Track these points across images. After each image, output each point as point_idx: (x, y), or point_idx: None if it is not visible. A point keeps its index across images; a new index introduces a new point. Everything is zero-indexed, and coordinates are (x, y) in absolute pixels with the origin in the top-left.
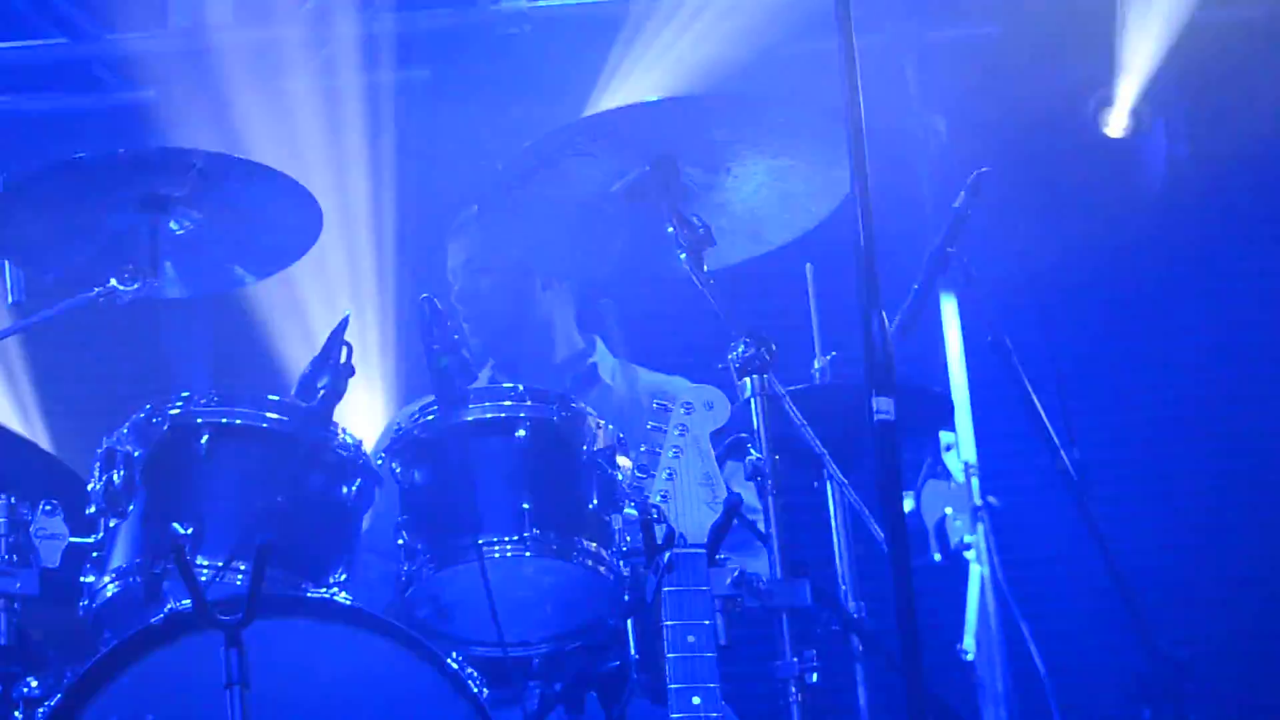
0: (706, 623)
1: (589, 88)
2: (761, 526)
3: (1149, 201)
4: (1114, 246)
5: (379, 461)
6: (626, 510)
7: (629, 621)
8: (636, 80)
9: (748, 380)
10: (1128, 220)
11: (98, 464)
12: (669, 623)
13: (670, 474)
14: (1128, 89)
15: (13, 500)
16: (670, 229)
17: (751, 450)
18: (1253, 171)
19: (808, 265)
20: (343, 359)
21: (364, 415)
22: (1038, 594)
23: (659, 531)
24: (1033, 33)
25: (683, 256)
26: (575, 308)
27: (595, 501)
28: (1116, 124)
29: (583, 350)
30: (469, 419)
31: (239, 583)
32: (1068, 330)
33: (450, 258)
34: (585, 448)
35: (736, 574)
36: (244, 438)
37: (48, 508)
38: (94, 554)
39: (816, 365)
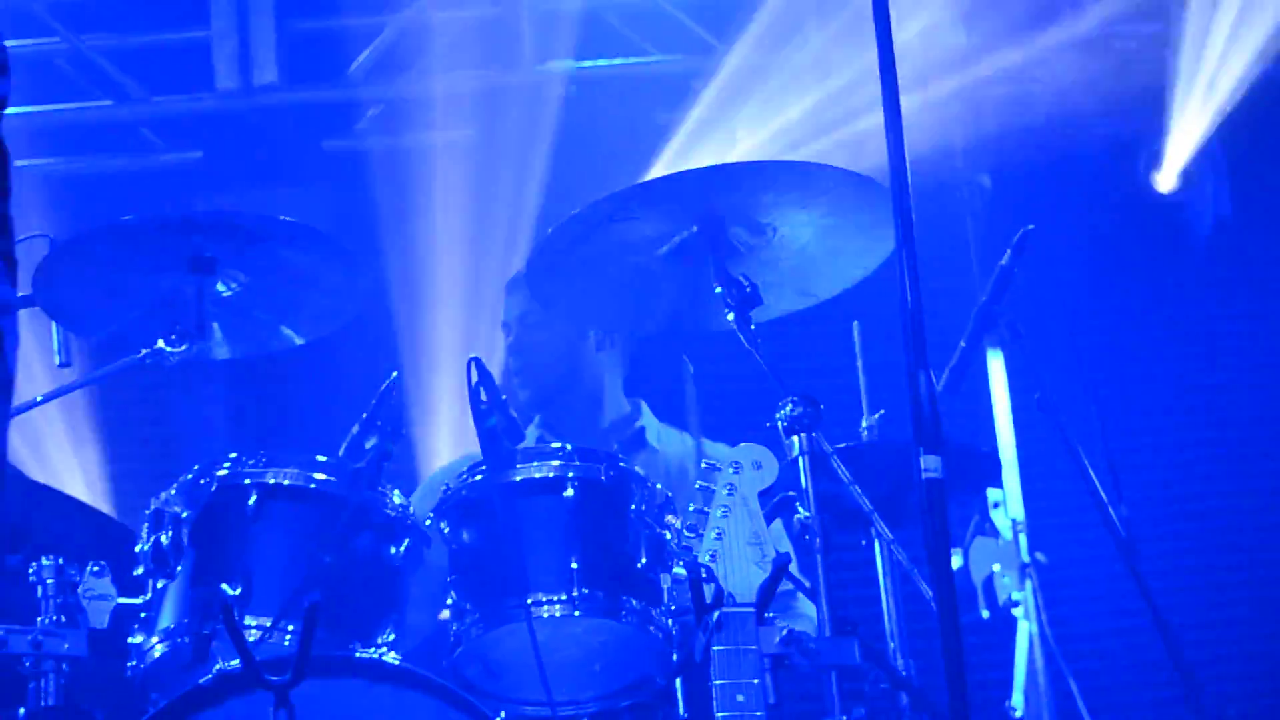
0: (755, 682)
1: (634, 148)
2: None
3: (1195, 259)
4: (1161, 303)
5: (427, 521)
6: (675, 569)
7: (678, 681)
8: (684, 141)
9: (795, 439)
10: (1174, 277)
11: (146, 525)
12: (718, 682)
13: (719, 533)
14: (1178, 146)
15: (61, 561)
16: (718, 289)
17: (799, 509)
18: None
19: (854, 323)
20: (392, 419)
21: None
22: (1086, 651)
23: (708, 590)
24: (1078, 90)
25: (730, 316)
26: (625, 371)
27: (644, 560)
28: (1165, 181)
29: (629, 414)
30: (517, 479)
31: (287, 643)
32: (1114, 387)
33: (506, 311)
34: (633, 506)
35: (785, 633)
36: (292, 498)
37: (96, 569)
38: (142, 615)
39: (864, 423)
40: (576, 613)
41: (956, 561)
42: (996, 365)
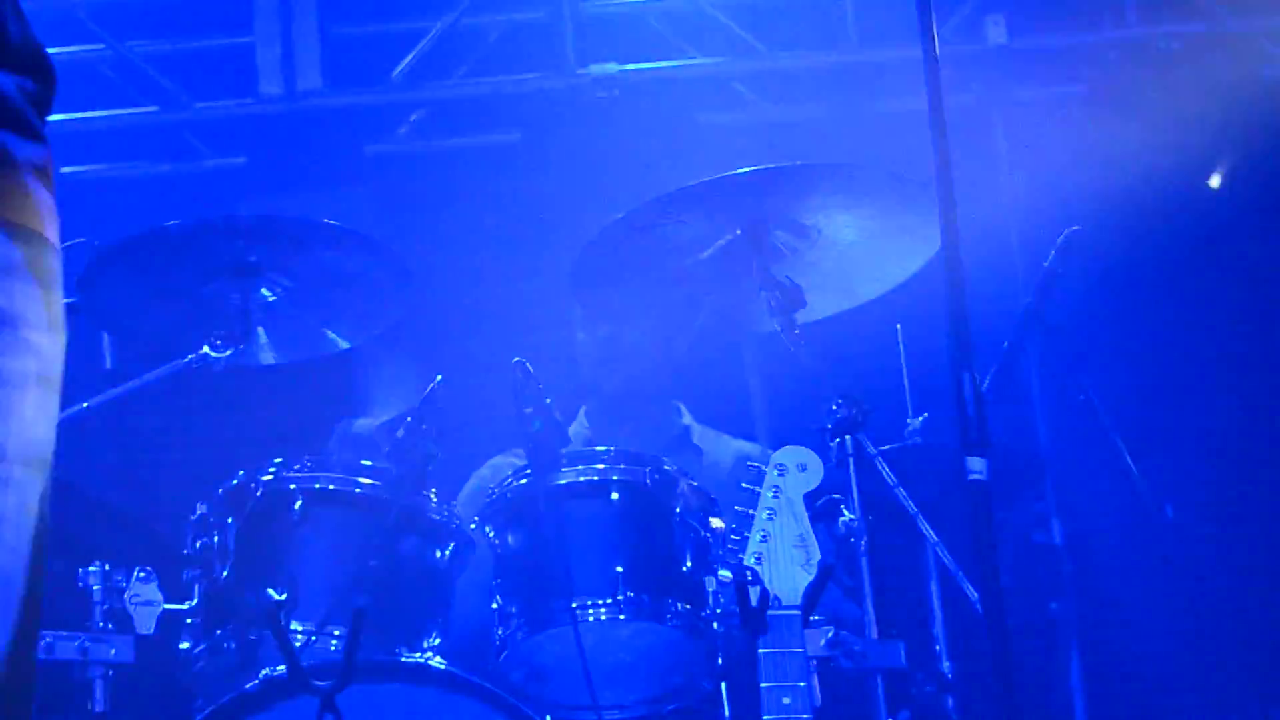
0: (801, 684)
1: (679, 151)
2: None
3: (1239, 261)
4: (1205, 304)
5: (472, 525)
6: (721, 572)
7: (723, 684)
8: (727, 143)
9: (841, 441)
10: (1219, 274)
11: (191, 530)
12: (764, 685)
13: (764, 536)
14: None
15: (107, 567)
16: (762, 292)
17: (845, 511)
18: None
19: (898, 326)
20: (436, 423)
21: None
22: (1130, 653)
23: (753, 593)
24: (1119, 91)
25: (775, 319)
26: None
27: (689, 563)
28: (1219, 181)
29: (673, 416)
30: (562, 482)
31: (333, 648)
32: (1159, 388)
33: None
34: (678, 510)
35: (831, 635)
36: (337, 503)
37: (142, 574)
38: (188, 620)
39: (909, 426)
40: (622, 616)
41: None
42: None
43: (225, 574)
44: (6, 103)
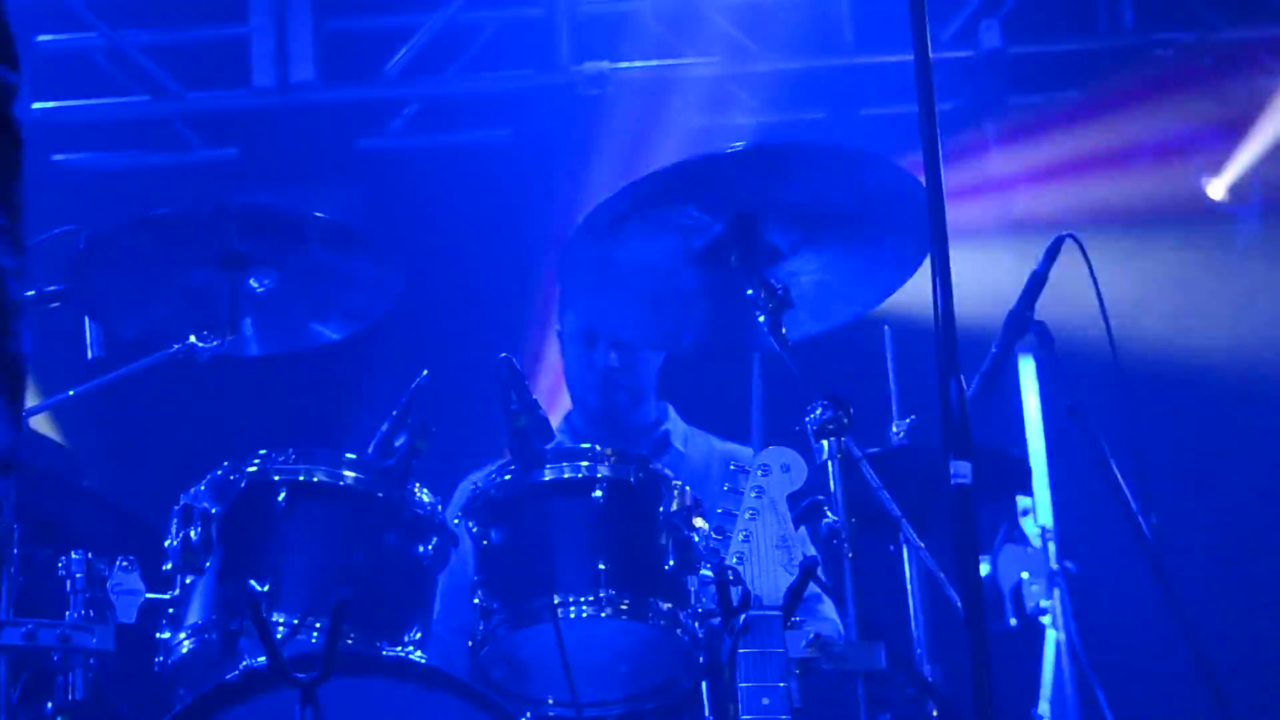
0: (781, 685)
1: (671, 151)
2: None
3: (1231, 270)
4: (1195, 313)
5: (455, 521)
6: (703, 571)
7: (704, 683)
8: (717, 142)
9: (825, 443)
10: (1211, 285)
11: (175, 520)
12: (743, 685)
13: (746, 536)
14: (1239, 160)
15: (90, 556)
16: (749, 291)
17: (828, 513)
18: None
19: (886, 328)
20: (422, 417)
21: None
22: (1113, 660)
23: (735, 593)
24: (1111, 97)
25: (761, 319)
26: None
27: (671, 562)
28: (1217, 190)
29: (656, 419)
30: (546, 479)
31: (315, 640)
32: (1146, 395)
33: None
34: (662, 509)
35: (812, 636)
36: (321, 495)
37: (124, 564)
38: (170, 610)
39: (894, 429)
40: (603, 614)
41: (985, 569)
42: (1028, 371)
43: (208, 564)
44: None
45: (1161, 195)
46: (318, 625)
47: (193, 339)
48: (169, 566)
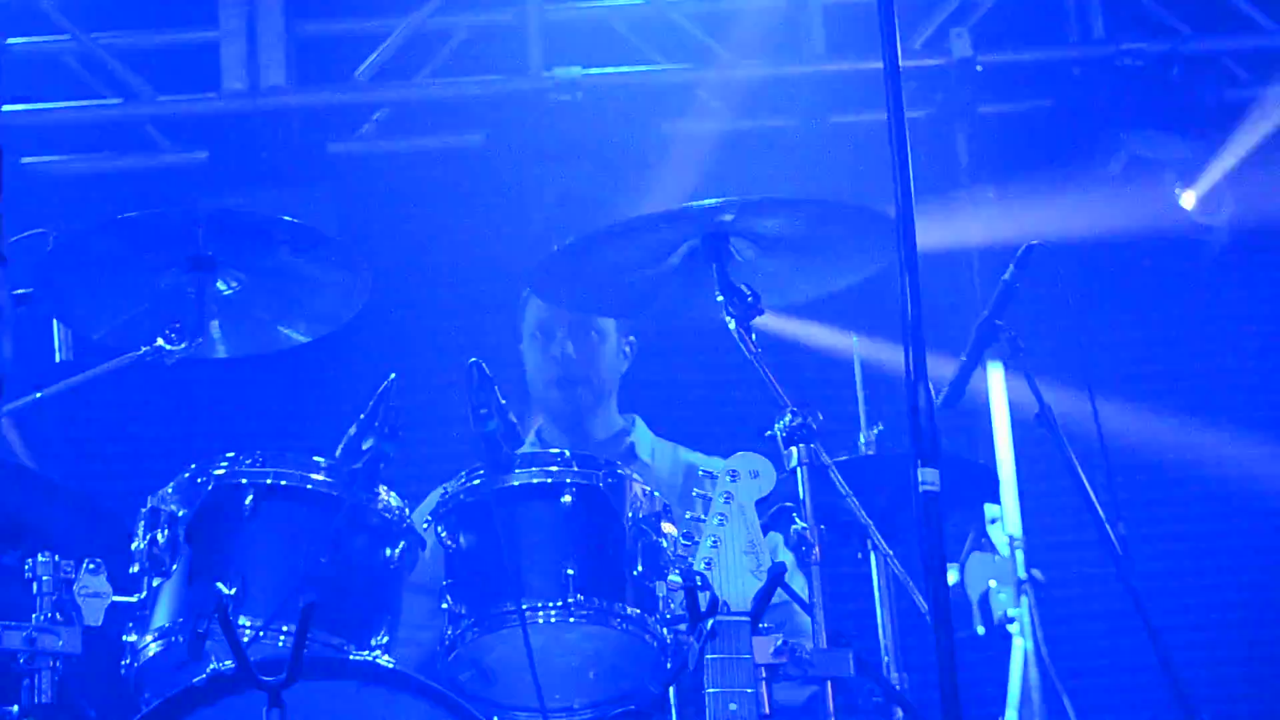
0: (749, 691)
1: (641, 157)
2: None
3: (1205, 278)
4: (1163, 321)
5: (424, 525)
6: (671, 577)
7: (671, 689)
8: (690, 150)
9: (794, 449)
10: (1181, 295)
11: (142, 523)
12: (711, 690)
13: (715, 541)
14: (1214, 171)
15: (57, 558)
16: (719, 297)
17: (796, 519)
18: None
19: (854, 337)
20: (389, 421)
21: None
22: (1080, 668)
23: (703, 599)
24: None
25: (732, 325)
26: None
27: (639, 568)
28: (1188, 201)
29: (622, 429)
30: (515, 484)
31: (281, 644)
32: (1114, 404)
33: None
34: (630, 514)
35: (780, 643)
36: (288, 498)
37: (91, 566)
38: (137, 613)
39: (863, 436)
40: (571, 619)
41: (953, 576)
42: (996, 380)
43: (175, 567)
44: None
45: (1132, 205)
46: (285, 629)
47: (160, 341)
48: (136, 569)
